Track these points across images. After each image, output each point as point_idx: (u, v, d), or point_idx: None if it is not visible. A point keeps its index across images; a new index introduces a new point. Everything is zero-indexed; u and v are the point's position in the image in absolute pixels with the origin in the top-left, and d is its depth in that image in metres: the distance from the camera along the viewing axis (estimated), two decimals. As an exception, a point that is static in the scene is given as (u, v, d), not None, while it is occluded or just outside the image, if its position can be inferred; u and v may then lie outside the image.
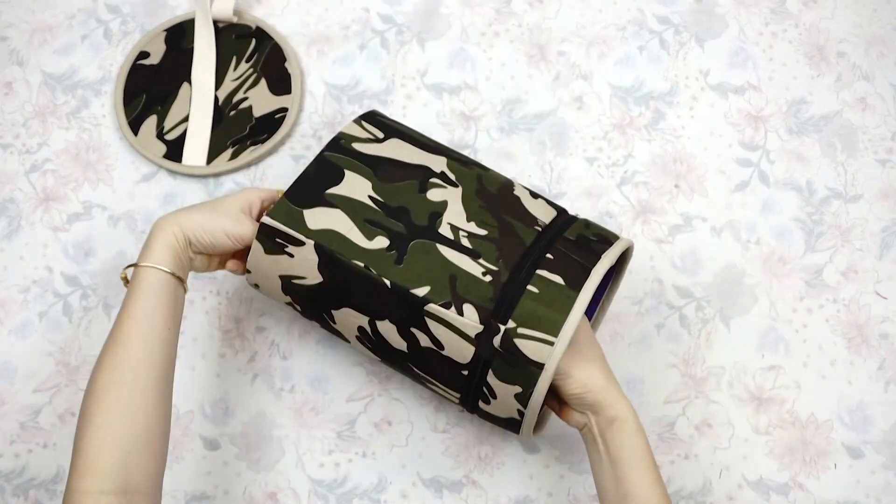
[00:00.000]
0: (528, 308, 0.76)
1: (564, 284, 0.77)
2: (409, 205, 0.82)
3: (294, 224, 0.81)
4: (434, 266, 0.79)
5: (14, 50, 1.07)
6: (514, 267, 0.79)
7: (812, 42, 1.08)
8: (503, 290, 0.77)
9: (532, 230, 0.82)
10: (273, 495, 0.91)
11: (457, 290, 0.78)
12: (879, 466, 0.91)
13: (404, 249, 0.80)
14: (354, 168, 0.83)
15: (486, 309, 0.77)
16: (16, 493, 0.91)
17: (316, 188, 0.83)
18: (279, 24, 1.08)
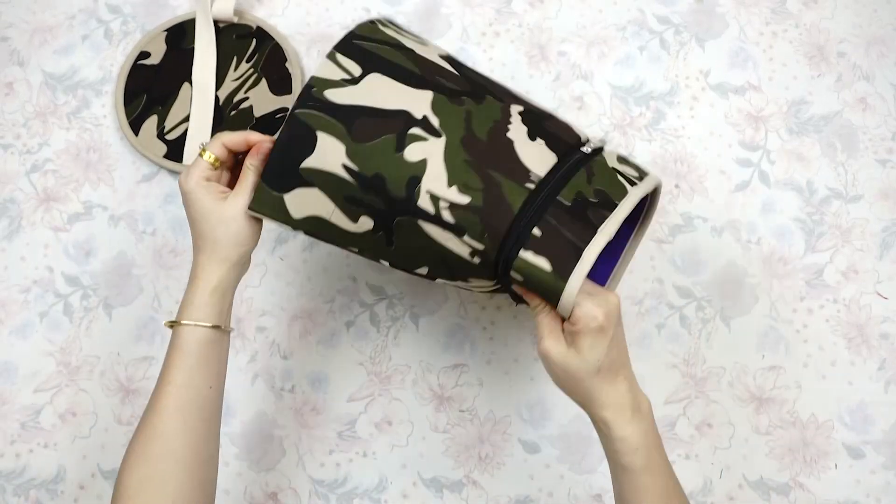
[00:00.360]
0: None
1: (551, 271, 0.68)
2: (384, 171, 0.71)
3: (278, 214, 0.75)
4: (423, 246, 0.72)
5: (15, 50, 1.08)
6: (501, 244, 0.70)
7: (812, 42, 1.08)
8: (493, 271, 0.71)
9: (523, 189, 0.69)
10: (274, 495, 0.91)
11: (453, 271, 0.73)
12: (880, 466, 0.91)
13: (390, 229, 0.73)
14: (326, 127, 0.72)
15: (486, 288, 0.73)
16: (16, 493, 0.91)
17: (290, 162, 0.74)
18: (280, 24, 1.08)
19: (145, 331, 0.96)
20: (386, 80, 0.73)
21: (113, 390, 0.94)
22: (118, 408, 0.94)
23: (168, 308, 0.97)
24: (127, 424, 0.93)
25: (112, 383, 0.94)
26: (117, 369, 0.95)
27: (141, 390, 0.94)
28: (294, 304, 0.97)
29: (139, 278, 0.98)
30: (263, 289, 0.97)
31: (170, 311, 0.96)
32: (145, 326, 0.96)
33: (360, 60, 0.74)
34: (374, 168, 0.72)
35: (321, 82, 0.73)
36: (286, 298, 0.97)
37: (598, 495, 0.91)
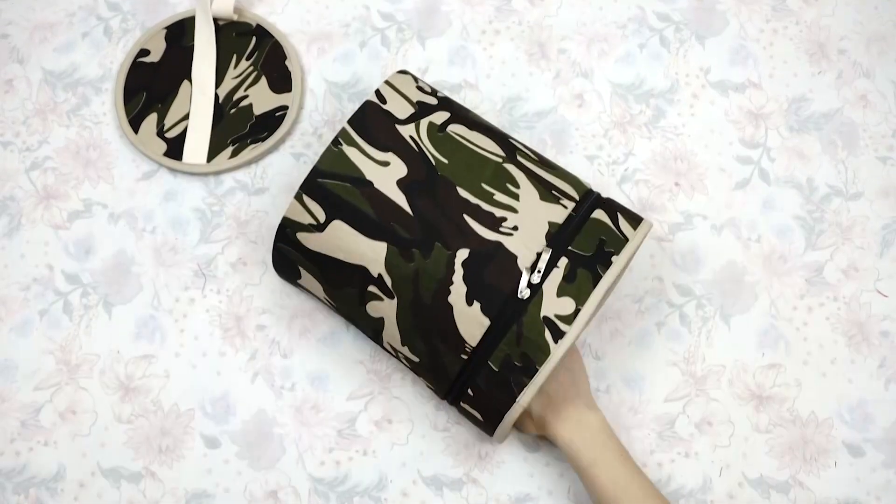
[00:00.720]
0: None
1: (483, 421, 0.82)
2: (355, 316, 0.85)
3: (299, 286, 0.91)
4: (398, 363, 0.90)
5: (14, 47, 1.07)
6: (444, 395, 0.84)
7: (813, 39, 1.07)
8: (445, 399, 0.86)
9: (458, 359, 0.80)
10: (274, 493, 0.91)
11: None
12: (880, 464, 0.91)
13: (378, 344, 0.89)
14: (305, 266, 0.85)
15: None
16: (16, 491, 0.91)
17: (289, 275, 0.88)
18: (279, 21, 1.08)
19: (145, 329, 0.96)
20: (346, 230, 0.81)
21: (113, 388, 0.94)
22: (118, 406, 0.94)
23: (168, 306, 0.97)
24: (127, 423, 0.93)
25: (112, 381, 0.95)
26: (117, 367, 0.95)
27: (141, 388, 0.94)
28: (294, 303, 0.97)
29: (139, 276, 0.98)
30: (263, 287, 0.97)
31: (170, 308, 0.97)
32: (145, 324, 0.96)
33: (324, 205, 0.82)
34: (346, 311, 0.86)
35: (293, 224, 0.83)
36: (286, 296, 0.97)
37: (597, 493, 0.91)
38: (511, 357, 0.78)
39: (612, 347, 0.95)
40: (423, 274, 0.80)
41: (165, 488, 0.91)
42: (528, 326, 0.78)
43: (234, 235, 0.99)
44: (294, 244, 0.84)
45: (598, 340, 0.96)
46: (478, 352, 0.79)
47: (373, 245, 0.81)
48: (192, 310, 0.97)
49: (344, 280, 0.83)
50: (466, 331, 0.79)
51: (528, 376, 0.78)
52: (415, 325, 0.81)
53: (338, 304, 0.86)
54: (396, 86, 0.87)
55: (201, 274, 0.98)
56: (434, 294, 0.80)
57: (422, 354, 0.82)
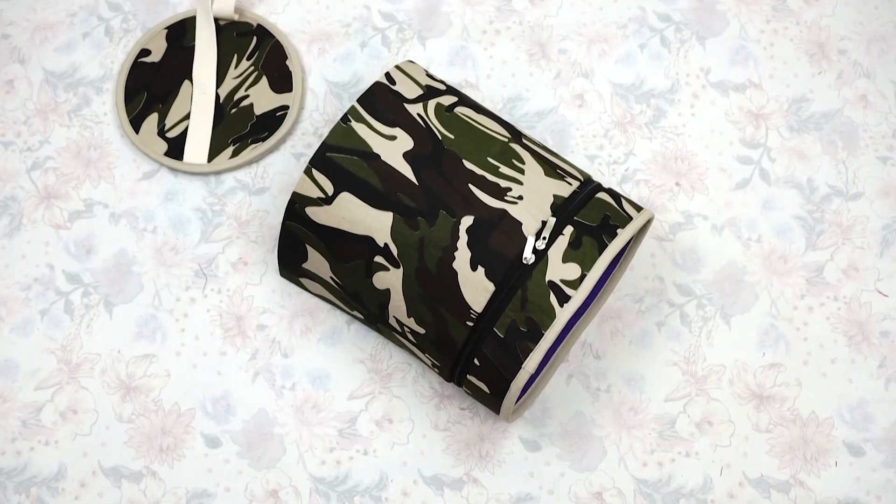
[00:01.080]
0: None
1: (490, 393, 0.82)
2: (361, 291, 0.85)
3: (301, 286, 0.93)
4: (399, 344, 0.89)
5: (15, 48, 1.08)
6: (450, 370, 0.84)
7: (813, 39, 1.08)
8: (450, 381, 0.86)
9: (464, 326, 0.80)
10: (274, 493, 0.91)
11: (427, 364, 0.88)
12: (880, 464, 0.92)
13: (377, 327, 0.89)
14: (312, 242, 0.85)
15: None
16: (17, 491, 0.91)
17: (294, 261, 0.89)
18: (280, 21, 1.08)
19: (146, 328, 0.96)
20: (354, 201, 0.82)
21: (114, 388, 0.94)
22: (119, 405, 0.94)
23: (169, 306, 0.97)
24: (128, 422, 0.93)
25: (113, 381, 0.95)
26: (118, 367, 0.95)
27: (141, 388, 0.94)
28: (295, 302, 0.97)
29: (140, 276, 0.98)
30: (264, 286, 0.97)
31: (170, 308, 0.97)
32: (146, 324, 0.96)
33: (332, 178, 0.83)
34: (352, 287, 0.85)
35: (302, 199, 0.84)
36: (287, 296, 0.97)
37: (598, 493, 0.91)
38: (517, 322, 0.78)
39: (613, 347, 0.95)
40: (429, 241, 0.80)
41: (166, 488, 0.91)
42: (532, 291, 0.78)
43: (235, 235, 0.99)
44: (303, 220, 0.84)
45: (599, 340, 0.96)
46: (483, 318, 0.79)
47: (379, 215, 0.82)
48: (193, 309, 0.97)
49: (351, 252, 0.83)
50: (471, 297, 0.79)
51: (534, 341, 0.78)
52: (421, 293, 0.81)
53: (344, 280, 0.85)
54: (406, 70, 0.88)
55: (202, 274, 0.98)
56: (439, 261, 0.80)
57: (428, 325, 0.82)
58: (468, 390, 0.85)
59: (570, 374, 0.95)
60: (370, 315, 0.87)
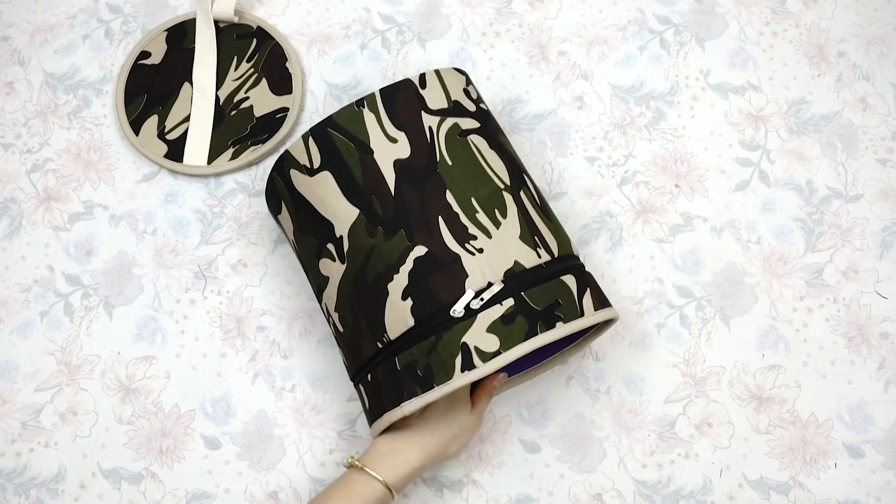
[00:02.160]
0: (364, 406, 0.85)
1: (368, 410, 0.83)
2: (308, 266, 0.87)
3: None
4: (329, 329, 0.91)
5: (15, 50, 1.08)
6: (353, 374, 0.85)
7: (812, 42, 1.08)
8: (352, 380, 0.86)
9: (373, 345, 0.80)
10: (274, 494, 0.91)
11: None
12: (880, 465, 0.92)
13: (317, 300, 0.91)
14: (286, 202, 0.87)
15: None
16: (17, 492, 0.91)
17: (272, 207, 0.90)
18: (280, 23, 1.08)
19: (146, 330, 0.96)
20: (331, 184, 0.83)
21: (113, 389, 0.94)
22: (118, 407, 0.94)
23: (168, 307, 0.97)
24: (127, 423, 0.93)
25: (112, 382, 0.95)
26: (118, 368, 0.95)
27: (141, 389, 0.94)
28: (294, 304, 0.97)
29: (140, 278, 0.98)
30: (263, 288, 0.97)
31: (170, 310, 0.97)
32: (146, 326, 0.96)
33: (323, 152, 0.84)
34: (303, 258, 0.87)
35: (290, 159, 0.85)
36: (286, 298, 0.97)
37: (598, 494, 0.91)
38: (416, 364, 0.77)
39: (612, 349, 0.95)
40: (377, 253, 0.80)
41: (166, 489, 0.91)
42: (445, 343, 0.76)
43: (235, 237, 0.99)
44: (285, 179, 0.86)
45: (599, 342, 0.96)
46: (392, 346, 0.79)
47: (347, 207, 0.82)
48: (193, 311, 0.97)
49: (311, 228, 0.84)
50: (391, 322, 0.79)
51: (423, 389, 0.76)
52: (351, 296, 0.82)
53: (299, 248, 0.87)
54: (443, 78, 0.87)
55: (202, 275, 0.98)
56: (378, 275, 0.80)
57: (346, 327, 0.83)
58: (360, 397, 0.85)
59: (570, 376, 0.95)
60: (313, 289, 0.88)
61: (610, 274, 0.98)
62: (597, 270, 0.98)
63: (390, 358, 0.79)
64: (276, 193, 0.88)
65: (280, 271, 0.98)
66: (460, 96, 0.87)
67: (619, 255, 0.99)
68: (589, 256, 0.98)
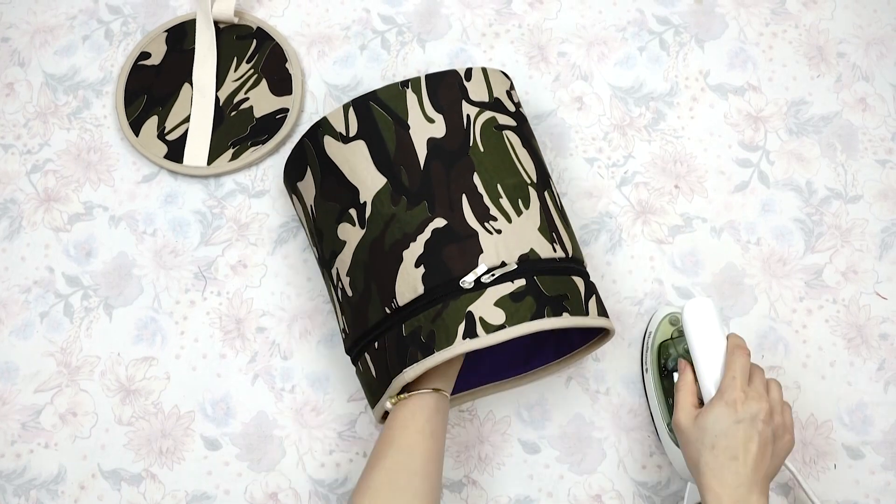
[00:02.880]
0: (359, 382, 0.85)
1: (375, 378, 0.83)
2: (325, 231, 0.87)
3: (291, 200, 0.96)
4: (329, 296, 0.90)
5: (15, 51, 1.08)
6: (353, 342, 0.85)
7: (812, 43, 1.08)
8: (348, 352, 0.87)
9: (382, 310, 0.81)
10: (274, 495, 0.91)
11: (339, 327, 0.90)
12: (879, 467, 0.92)
13: (321, 271, 0.90)
14: (312, 167, 0.88)
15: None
16: (17, 494, 0.91)
17: (293, 176, 0.91)
18: (280, 24, 1.09)
19: (146, 331, 0.96)
20: (364, 152, 0.84)
21: (113, 390, 0.94)
22: (118, 408, 0.94)
23: (168, 308, 0.97)
24: (127, 424, 0.93)
25: (112, 383, 0.95)
26: (118, 369, 0.95)
27: (141, 390, 0.94)
28: (294, 305, 0.97)
29: (139, 279, 0.98)
30: (263, 289, 0.98)
31: (170, 311, 0.97)
32: (146, 327, 0.96)
33: (361, 122, 0.85)
34: (321, 223, 0.87)
35: (327, 126, 0.86)
36: (286, 298, 0.97)
37: (597, 496, 0.91)
38: (421, 329, 0.78)
39: (612, 349, 0.95)
40: (397, 221, 0.82)
41: (166, 490, 0.91)
42: (450, 310, 0.78)
43: (235, 238, 0.99)
44: (317, 144, 0.87)
45: (598, 343, 0.96)
46: (400, 312, 0.80)
47: (375, 176, 0.83)
48: (193, 312, 0.97)
49: (335, 193, 0.85)
50: (401, 288, 0.80)
51: (424, 354, 0.77)
52: (365, 261, 0.83)
53: (318, 213, 0.87)
54: (489, 76, 0.89)
55: (202, 276, 0.98)
56: (395, 242, 0.81)
57: (356, 292, 0.83)
58: (360, 369, 0.85)
59: (570, 377, 0.95)
60: (321, 258, 0.89)
61: (610, 275, 0.98)
62: (597, 271, 0.98)
63: (397, 325, 0.80)
64: (302, 159, 0.89)
65: (280, 272, 0.98)
66: (502, 95, 0.89)
67: (619, 256, 0.99)
68: (589, 257, 0.99)
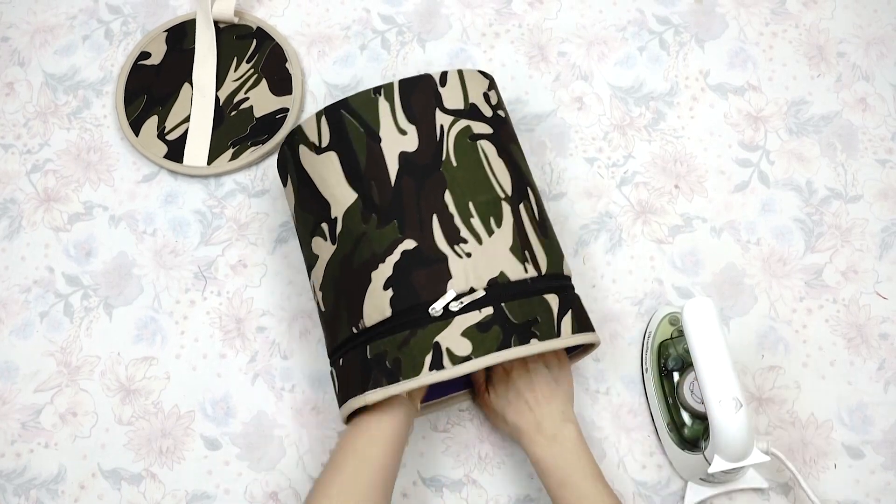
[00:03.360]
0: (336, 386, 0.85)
1: (337, 392, 0.83)
2: (302, 242, 0.88)
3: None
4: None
5: (15, 50, 1.08)
6: (328, 353, 0.86)
7: (812, 42, 1.08)
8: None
9: (349, 329, 0.81)
10: (274, 495, 0.91)
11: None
12: (879, 466, 0.92)
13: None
14: (291, 176, 0.88)
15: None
16: (17, 493, 0.91)
17: (282, 178, 0.91)
18: (280, 24, 1.09)
19: (146, 331, 0.96)
20: (335, 165, 0.83)
21: (113, 390, 0.94)
22: (118, 408, 0.94)
23: (168, 308, 0.97)
24: (127, 424, 0.93)
25: (112, 383, 0.95)
26: (118, 369, 0.95)
27: (141, 390, 0.94)
28: (294, 304, 0.97)
29: (139, 278, 0.98)
30: (263, 289, 0.98)
31: (170, 311, 0.97)
32: (145, 326, 0.96)
33: (333, 131, 0.84)
34: (299, 233, 0.88)
35: (301, 134, 0.86)
36: (286, 298, 0.97)
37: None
38: (386, 355, 0.78)
39: (612, 349, 0.95)
40: (367, 240, 0.81)
41: (166, 490, 0.91)
42: (417, 339, 0.77)
43: (235, 237, 0.99)
44: (294, 152, 0.87)
45: (598, 342, 0.96)
46: (365, 333, 0.80)
47: (346, 191, 0.82)
48: (193, 312, 0.97)
49: (309, 205, 0.85)
50: (368, 310, 0.80)
51: (388, 381, 0.77)
52: (336, 278, 0.82)
53: (297, 223, 0.88)
54: (465, 79, 0.87)
55: (202, 276, 0.98)
56: (364, 262, 0.81)
57: (328, 308, 0.84)
58: (334, 374, 0.84)
59: (570, 377, 0.95)
60: (306, 265, 0.89)
61: (609, 274, 0.98)
62: (596, 271, 0.98)
63: (362, 345, 0.80)
64: (284, 165, 0.89)
65: (280, 272, 0.98)
66: (478, 100, 0.86)
67: (619, 256, 0.99)
68: (588, 257, 0.99)
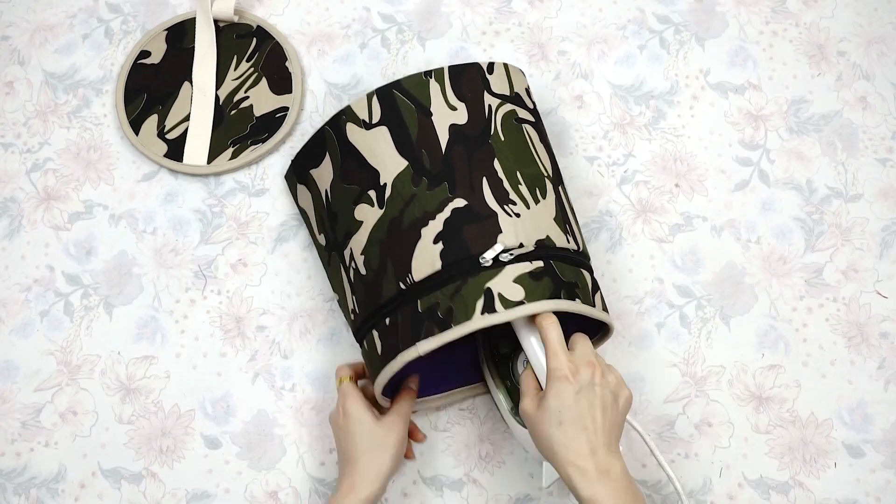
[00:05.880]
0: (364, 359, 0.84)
1: (380, 356, 0.81)
2: (340, 214, 0.87)
3: (294, 192, 0.96)
4: (337, 283, 0.89)
5: (15, 49, 1.08)
6: (363, 320, 0.84)
7: (812, 41, 1.08)
8: (356, 334, 0.87)
9: (396, 286, 0.81)
10: (274, 494, 0.91)
11: (347, 313, 0.88)
12: (879, 465, 0.92)
13: (330, 256, 0.90)
14: (332, 153, 0.88)
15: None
16: (17, 492, 0.91)
17: (307, 163, 0.91)
18: (280, 23, 1.08)
19: (146, 330, 0.96)
20: (385, 138, 0.85)
21: (113, 389, 0.94)
22: (118, 407, 0.94)
23: (168, 307, 0.97)
24: (127, 423, 0.93)
25: (113, 382, 0.95)
26: (118, 368, 0.95)
27: (141, 389, 0.94)
28: (294, 303, 0.97)
29: (139, 277, 0.98)
30: (263, 288, 0.98)
31: (170, 310, 0.97)
32: (146, 325, 0.96)
33: (384, 110, 0.86)
34: (336, 206, 0.87)
35: (350, 114, 0.87)
36: (286, 297, 0.97)
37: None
38: (438, 306, 0.78)
39: (612, 348, 0.95)
40: (417, 200, 0.82)
41: (166, 489, 0.91)
42: (469, 286, 0.78)
43: (235, 236, 0.99)
44: (339, 131, 0.87)
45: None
46: (415, 288, 0.80)
47: (397, 159, 0.84)
48: (193, 311, 0.97)
49: (355, 177, 0.86)
50: (418, 264, 0.80)
51: (441, 329, 0.77)
52: (382, 239, 0.83)
53: (334, 197, 0.88)
54: (510, 72, 0.91)
55: (202, 275, 0.98)
56: (414, 220, 0.82)
57: (370, 269, 0.83)
58: (366, 348, 0.84)
59: (570, 376, 0.95)
60: (332, 242, 0.88)
61: (610, 273, 0.98)
62: (597, 270, 0.98)
63: (412, 301, 0.79)
64: (320, 146, 0.89)
65: (280, 271, 0.98)
66: (522, 92, 0.91)
67: (619, 255, 0.99)
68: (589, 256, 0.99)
